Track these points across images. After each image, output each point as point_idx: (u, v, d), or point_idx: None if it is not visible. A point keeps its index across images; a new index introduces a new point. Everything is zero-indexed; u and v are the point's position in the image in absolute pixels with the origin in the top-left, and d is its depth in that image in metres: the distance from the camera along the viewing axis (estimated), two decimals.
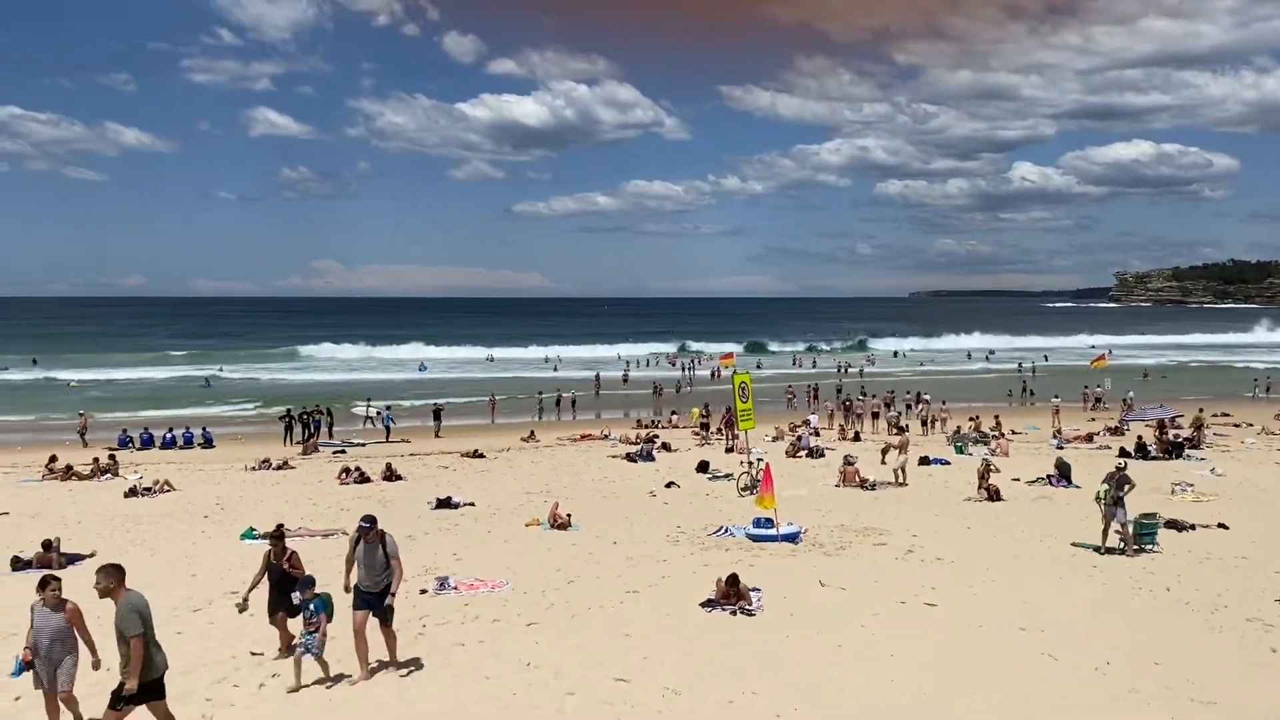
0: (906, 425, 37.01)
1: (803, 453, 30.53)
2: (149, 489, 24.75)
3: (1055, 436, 34.66)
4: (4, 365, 73.50)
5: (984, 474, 22.87)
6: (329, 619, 10.39)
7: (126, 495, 24.24)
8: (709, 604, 13.00)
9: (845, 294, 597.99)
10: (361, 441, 36.55)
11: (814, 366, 74.58)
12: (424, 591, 13.98)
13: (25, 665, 8.60)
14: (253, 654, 11.29)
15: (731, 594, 12.95)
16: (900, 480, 24.45)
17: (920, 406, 42.32)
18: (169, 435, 36.00)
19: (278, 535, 11.57)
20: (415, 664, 10.81)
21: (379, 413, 40.60)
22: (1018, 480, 24.36)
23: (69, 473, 27.40)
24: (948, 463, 28.63)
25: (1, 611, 13.27)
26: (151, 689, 8.13)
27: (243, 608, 11.02)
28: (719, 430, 35.74)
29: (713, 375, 63.22)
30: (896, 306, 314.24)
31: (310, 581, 10.64)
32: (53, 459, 28.57)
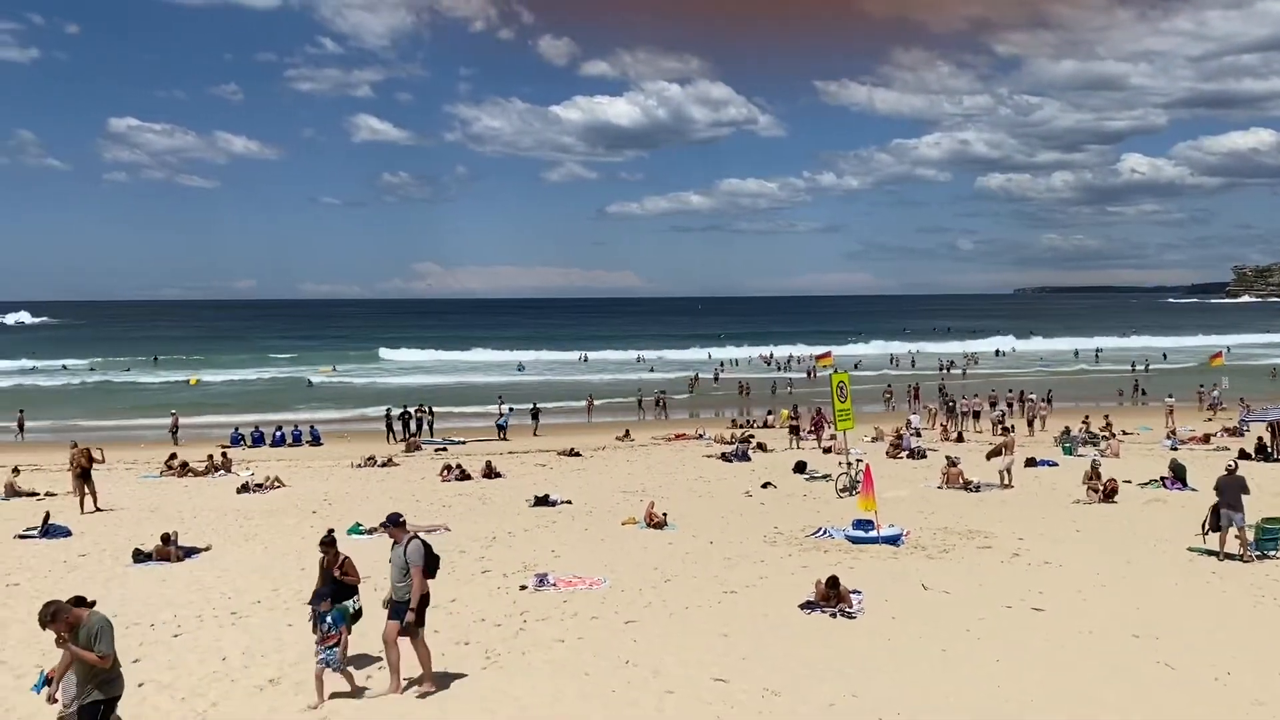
0: (1012, 426, 36.06)
1: (904, 453, 30.01)
2: (260, 485, 25.63)
3: (1169, 437, 33.39)
4: (127, 366, 77.08)
5: (1093, 475, 22.14)
6: (348, 630, 10.09)
7: (239, 491, 25.15)
8: (808, 605, 12.86)
9: (947, 290, 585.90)
10: (462, 440, 37.24)
11: (913, 366, 73.22)
12: (524, 588, 14.16)
13: (47, 680, 8.24)
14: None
15: (832, 596, 12.80)
16: (1005, 482, 23.83)
17: (1024, 406, 41.22)
18: (279, 433, 37.26)
19: (328, 541, 11.01)
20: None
21: (510, 410, 41.45)
22: (1129, 482, 23.52)
23: (185, 469, 28.56)
24: (1055, 464, 27.82)
25: (124, 602, 13.87)
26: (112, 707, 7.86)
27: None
28: (809, 432, 35.23)
29: (809, 375, 62.61)
30: (1000, 303, 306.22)
31: (325, 594, 10.10)
32: (172, 456, 29.81)
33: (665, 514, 19.33)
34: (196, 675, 10.53)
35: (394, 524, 10.17)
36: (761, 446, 32.43)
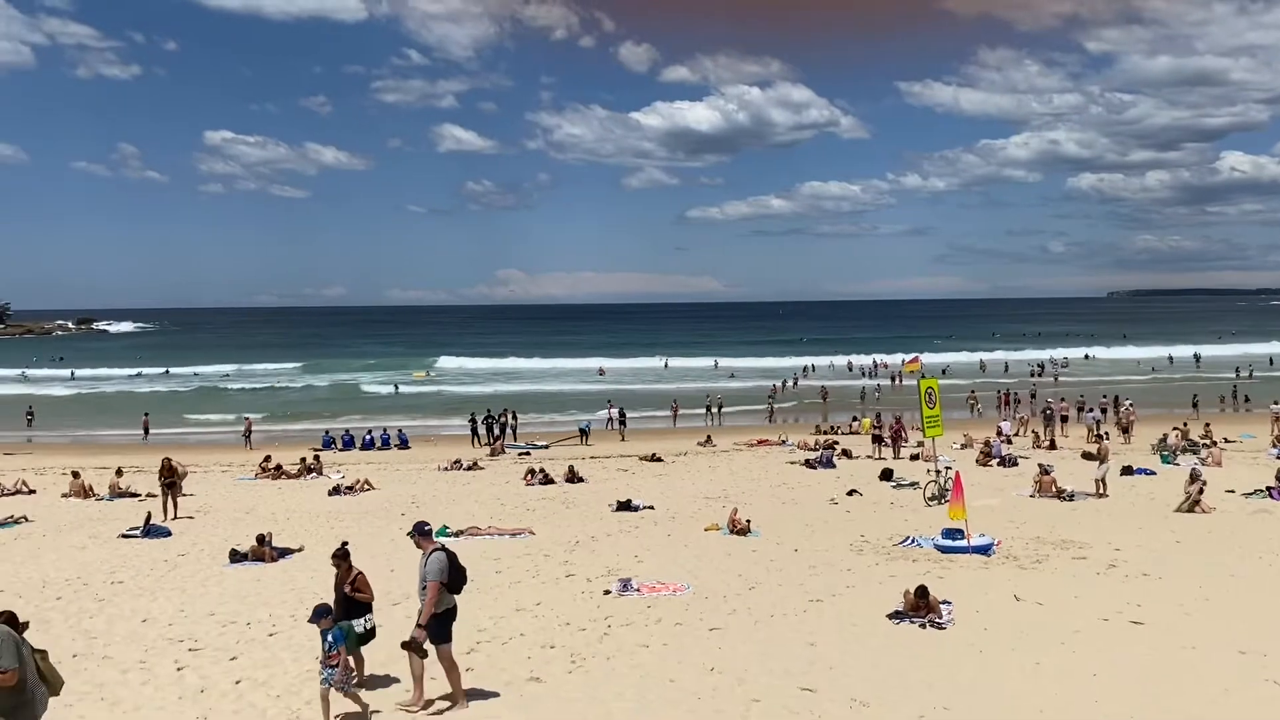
0: (1106, 433, 34.98)
1: (994, 461, 29.34)
2: (350, 487, 26.20)
3: (1275, 445, 32.03)
4: (225, 373, 79.74)
5: (1193, 484, 21.34)
6: (348, 651, 9.62)
7: (330, 493, 25.75)
8: (897, 615, 12.64)
9: (1038, 294, 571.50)
10: (545, 444, 37.59)
11: (1006, 371, 71.59)
12: (607, 592, 14.20)
13: None
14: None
15: (921, 606, 12.56)
16: (1101, 491, 23.13)
17: (1118, 412, 39.98)
18: (368, 436, 38.12)
19: (341, 554, 10.61)
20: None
21: (620, 410, 41.91)
22: (1232, 492, 22.63)
23: (279, 472, 29.35)
24: (1153, 473, 26.93)
25: (221, 600, 14.31)
26: None
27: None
28: (890, 441, 34.18)
29: (893, 380, 61.62)
30: (1093, 307, 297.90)
31: (325, 610, 9.64)
32: (266, 459, 30.67)
33: (749, 520, 19.21)
34: (291, 674, 10.79)
35: (419, 533, 9.82)
36: (846, 453, 32.03)
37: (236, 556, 17.12)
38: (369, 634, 10.31)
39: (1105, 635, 11.89)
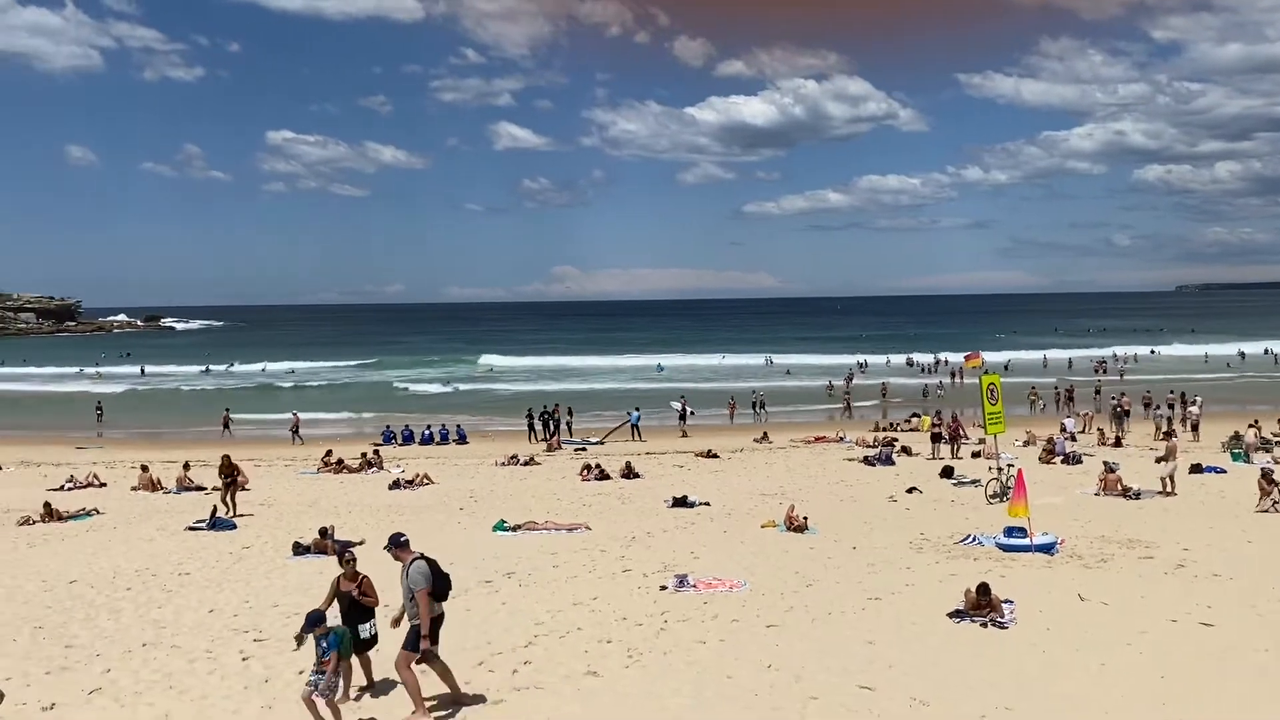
0: (1173, 430, 34.17)
1: (1057, 458, 28.80)
2: (410, 481, 26.54)
3: None
4: (289, 369, 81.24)
5: (1267, 483, 20.75)
6: (341, 658, 9.28)
7: (390, 487, 26.10)
8: (957, 614, 12.46)
9: (1103, 288, 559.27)
10: (599, 440, 37.72)
11: (1070, 368, 70.26)
12: (664, 588, 14.19)
13: None
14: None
15: (982, 605, 12.37)
16: (1168, 489, 22.59)
17: (1185, 409, 39.01)
18: (427, 431, 38.62)
19: (349, 559, 10.51)
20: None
21: (684, 405, 42.26)
22: None
23: (340, 466, 29.82)
24: (1223, 471, 26.24)
25: (285, 592, 14.56)
26: None
27: (301, 641, 9.69)
28: (949, 439, 33.45)
29: (952, 376, 60.78)
30: (1160, 301, 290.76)
31: (318, 618, 9.26)
32: (328, 453, 31.18)
33: (806, 517, 19.08)
34: (356, 666, 10.92)
35: (396, 545, 9.66)
36: (906, 450, 31.68)
37: (300, 549, 17.41)
38: (372, 640, 10.19)
39: (1173, 637, 11.61)
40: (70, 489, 26.06)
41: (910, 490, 23.81)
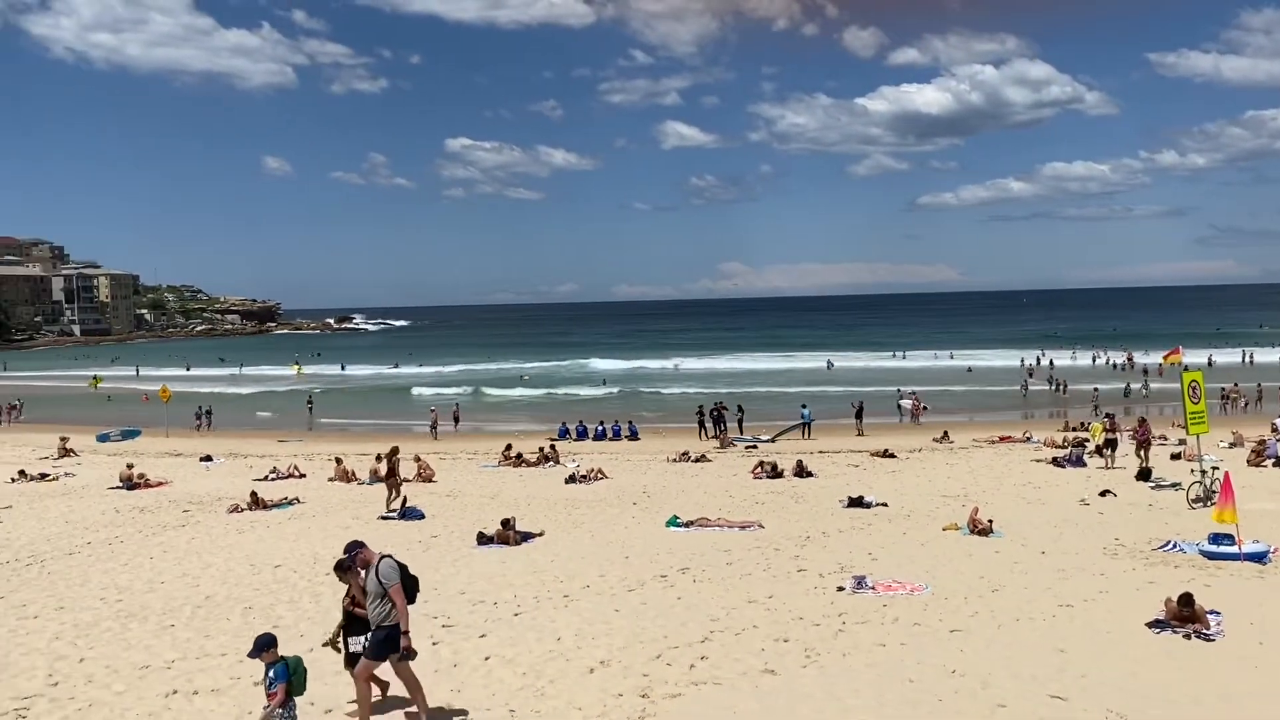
0: None
1: (1268, 461, 26.73)
2: (585, 476, 27.09)
3: None
4: (468, 370, 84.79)
5: None
6: (292, 690, 8.06)
7: (566, 481, 26.71)
8: (1157, 624, 11.74)
9: None
10: (769, 437, 37.47)
11: None
12: (841, 589, 13.96)
13: None
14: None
15: (1185, 615, 11.60)
16: None
17: None
18: (600, 427, 39.34)
19: (343, 567, 9.64)
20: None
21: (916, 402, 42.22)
22: None
23: (519, 460, 30.76)
24: None
25: (470, 580, 15.12)
26: None
27: (334, 644, 9.69)
28: (1138, 446, 30.62)
29: (1145, 374, 57.22)
30: None
31: (267, 642, 8.08)
32: (508, 447, 32.23)
33: (991, 520, 18.37)
34: (535, 653, 11.26)
35: (356, 549, 9.21)
36: (1099, 451, 30.02)
37: (483, 539, 18.05)
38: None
39: None
40: (274, 479, 27.87)
41: (1104, 493, 22.56)
